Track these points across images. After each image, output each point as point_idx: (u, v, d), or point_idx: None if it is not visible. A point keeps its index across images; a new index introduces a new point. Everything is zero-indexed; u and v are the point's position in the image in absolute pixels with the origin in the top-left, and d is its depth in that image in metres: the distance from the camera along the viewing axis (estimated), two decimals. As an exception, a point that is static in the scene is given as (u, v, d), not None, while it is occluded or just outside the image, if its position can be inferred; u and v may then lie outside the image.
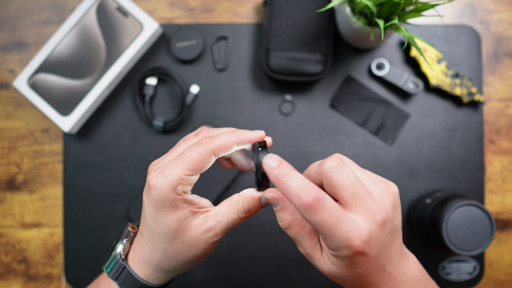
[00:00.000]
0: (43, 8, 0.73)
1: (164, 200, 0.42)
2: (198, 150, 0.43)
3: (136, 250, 0.46)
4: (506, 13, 0.73)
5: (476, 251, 0.58)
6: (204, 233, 0.44)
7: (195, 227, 0.44)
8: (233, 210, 0.44)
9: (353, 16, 0.62)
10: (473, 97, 0.70)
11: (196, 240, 0.44)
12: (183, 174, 0.42)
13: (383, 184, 0.42)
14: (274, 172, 0.38)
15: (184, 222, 0.43)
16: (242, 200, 0.45)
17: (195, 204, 0.44)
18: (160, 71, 0.70)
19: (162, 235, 0.44)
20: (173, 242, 0.44)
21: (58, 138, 0.73)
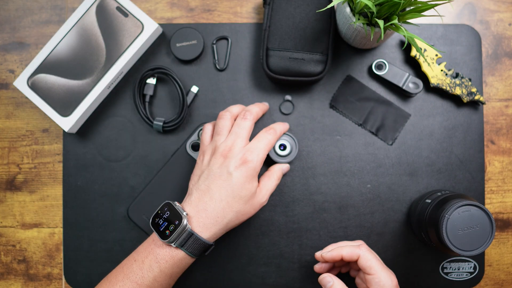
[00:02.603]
0: (43, 8, 0.73)
1: (255, 171, 0.60)
2: (271, 138, 0.62)
3: (203, 217, 0.58)
4: (506, 13, 0.73)
5: (476, 251, 0.58)
6: (261, 199, 0.61)
7: (258, 194, 0.61)
8: (275, 178, 0.65)
9: (353, 16, 0.62)
10: (473, 97, 0.70)
11: (257, 204, 0.61)
12: (265, 153, 0.61)
13: None
14: None
15: (256, 189, 0.61)
16: (275, 173, 0.65)
17: (257, 179, 0.62)
18: (160, 70, 0.70)
19: (242, 197, 0.59)
20: (247, 203, 0.60)
21: (58, 138, 0.73)
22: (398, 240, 0.71)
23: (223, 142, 0.61)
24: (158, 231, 0.58)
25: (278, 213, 0.71)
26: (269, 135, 0.63)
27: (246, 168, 0.59)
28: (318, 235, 0.71)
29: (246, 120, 0.62)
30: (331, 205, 0.71)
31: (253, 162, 0.59)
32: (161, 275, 0.58)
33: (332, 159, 0.71)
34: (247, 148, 0.60)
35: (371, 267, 0.59)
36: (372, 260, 0.59)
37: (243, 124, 0.62)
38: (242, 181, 0.59)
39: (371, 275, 0.59)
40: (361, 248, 0.60)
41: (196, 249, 0.58)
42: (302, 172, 0.71)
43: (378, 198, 0.71)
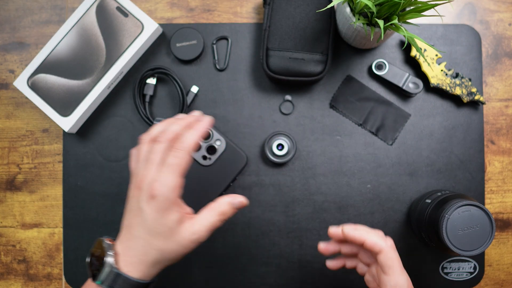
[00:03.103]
0: (43, 8, 0.73)
1: (167, 203, 0.51)
2: (179, 155, 0.52)
3: (128, 254, 0.52)
4: (506, 13, 0.73)
5: (476, 251, 0.58)
6: (191, 235, 0.52)
7: (184, 229, 0.52)
8: (213, 215, 0.54)
9: (353, 16, 0.61)
10: (473, 97, 0.70)
11: (185, 240, 0.52)
12: (177, 179, 0.52)
13: None
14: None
15: (178, 223, 0.52)
16: (219, 206, 0.54)
17: (184, 208, 0.53)
18: (160, 70, 0.70)
19: (161, 234, 0.51)
20: (169, 240, 0.52)
21: (58, 138, 0.73)
22: (398, 240, 0.71)
23: (138, 172, 0.54)
24: (91, 271, 0.54)
25: (278, 213, 0.71)
26: (175, 155, 0.52)
27: (156, 202, 0.51)
28: (318, 235, 0.71)
29: (160, 143, 0.53)
30: (331, 205, 0.71)
31: (162, 194, 0.51)
32: None
33: (332, 159, 0.71)
34: (155, 178, 0.52)
35: (391, 267, 0.54)
36: (395, 260, 0.54)
37: (156, 149, 0.53)
38: (154, 216, 0.51)
39: (388, 275, 0.54)
40: (387, 242, 0.54)
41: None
42: (302, 172, 0.71)
43: (378, 198, 0.71)
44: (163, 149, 0.53)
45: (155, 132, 0.55)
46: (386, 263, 0.53)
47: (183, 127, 0.55)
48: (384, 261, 0.54)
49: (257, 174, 0.71)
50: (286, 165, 0.71)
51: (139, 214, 0.52)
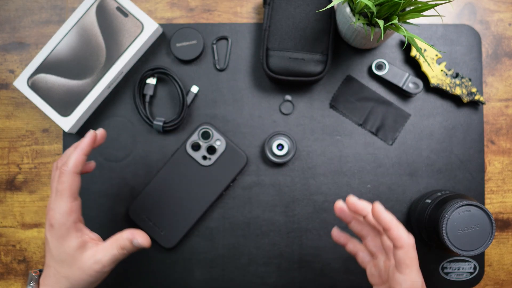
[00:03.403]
0: (43, 8, 0.73)
1: (64, 230, 0.53)
2: (64, 179, 0.53)
3: (46, 284, 0.54)
4: (506, 13, 0.73)
5: (476, 251, 0.58)
6: (94, 264, 0.53)
7: (86, 257, 0.53)
8: (114, 247, 0.54)
9: (353, 16, 0.62)
10: (473, 97, 0.70)
11: (88, 269, 0.53)
12: (69, 203, 0.53)
13: None
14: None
15: (79, 250, 0.53)
16: (120, 240, 0.55)
17: (86, 233, 0.55)
18: (160, 70, 0.70)
19: (64, 261, 0.53)
20: (72, 267, 0.53)
21: (58, 138, 0.73)
22: (398, 240, 0.71)
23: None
24: None
25: (278, 213, 0.71)
26: (61, 182, 0.53)
27: (54, 230, 0.53)
28: (318, 235, 0.71)
29: (54, 170, 0.56)
30: (331, 205, 0.71)
31: (57, 222, 0.53)
32: None
33: (332, 159, 0.71)
34: (51, 207, 0.54)
35: (409, 267, 0.49)
36: (414, 260, 0.49)
37: (52, 177, 0.56)
38: (55, 244, 0.53)
39: (405, 275, 0.49)
40: (410, 239, 0.49)
41: None
42: (302, 172, 0.71)
43: (378, 198, 0.71)
44: (56, 176, 0.54)
45: (59, 161, 0.56)
46: (404, 261, 0.48)
47: (72, 150, 0.56)
48: (403, 258, 0.48)
49: (257, 174, 0.71)
50: (286, 165, 0.71)
51: (47, 244, 0.54)
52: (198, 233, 0.71)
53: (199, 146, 0.70)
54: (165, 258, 0.71)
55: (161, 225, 0.70)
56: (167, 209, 0.70)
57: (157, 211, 0.70)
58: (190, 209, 0.70)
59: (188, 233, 0.70)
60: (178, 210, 0.70)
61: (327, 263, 0.71)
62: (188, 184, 0.70)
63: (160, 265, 0.71)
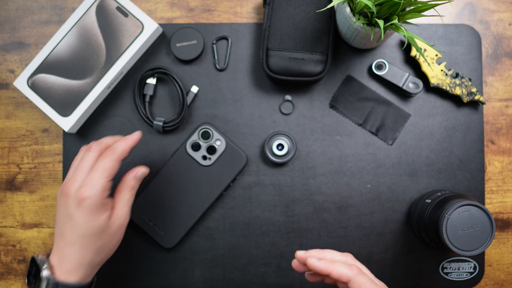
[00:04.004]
0: (43, 8, 0.73)
1: (96, 206, 0.55)
2: (108, 161, 0.56)
3: (65, 262, 0.55)
4: (506, 13, 0.73)
5: (476, 251, 0.58)
6: (119, 221, 0.57)
7: (112, 222, 0.56)
8: (126, 194, 0.59)
9: (353, 16, 0.62)
10: (473, 97, 0.70)
11: (115, 230, 0.57)
12: (105, 182, 0.56)
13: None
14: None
15: (107, 220, 0.56)
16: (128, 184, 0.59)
17: (109, 205, 0.57)
18: (160, 70, 0.70)
19: (94, 235, 0.55)
20: (102, 238, 0.56)
21: (58, 138, 0.73)
22: (398, 240, 0.71)
23: (67, 179, 0.57)
24: None
25: (278, 213, 0.71)
26: (104, 159, 0.57)
27: (86, 206, 0.54)
28: (318, 235, 0.71)
29: (90, 151, 0.58)
30: (331, 205, 0.71)
31: (90, 197, 0.54)
32: None
33: (332, 159, 0.71)
34: (83, 183, 0.55)
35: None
36: (365, 284, 0.51)
37: (86, 157, 0.57)
38: (86, 219, 0.55)
39: None
40: (353, 270, 0.52)
41: None
42: (302, 172, 0.71)
43: (378, 198, 0.71)
44: (93, 157, 0.57)
45: (91, 143, 0.59)
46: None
47: (115, 141, 0.60)
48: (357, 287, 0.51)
49: (257, 174, 0.71)
50: (286, 165, 0.71)
51: (70, 220, 0.55)
52: (198, 233, 0.71)
53: (199, 146, 0.70)
54: (165, 258, 0.71)
55: (161, 225, 0.70)
56: (167, 209, 0.70)
57: (157, 211, 0.70)
58: (190, 209, 0.70)
59: (188, 233, 0.70)
60: (178, 210, 0.70)
61: (327, 263, 0.71)
62: (188, 184, 0.70)
63: (160, 265, 0.71)
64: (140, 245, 0.71)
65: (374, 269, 0.70)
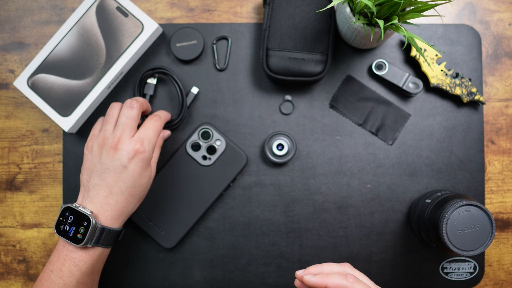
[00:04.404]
0: (43, 8, 0.73)
1: (148, 160, 0.60)
2: (160, 123, 0.63)
3: (109, 210, 0.59)
4: (506, 13, 0.73)
5: (476, 251, 0.58)
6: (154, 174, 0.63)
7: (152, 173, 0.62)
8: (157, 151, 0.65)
9: (353, 16, 0.62)
10: (473, 97, 0.70)
11: (151, 182, 0.62)
12: (156, 140, 0.61)
13: None
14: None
15: (151, 172, 0.61)
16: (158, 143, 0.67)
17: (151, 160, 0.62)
18: (160, 70, 0.70)
19: (143, 185, 0.60)
20: (146, 188, 0.61)
21: (58, 138, 0.73)
22: (398, 240, 0.71)
23: (111, 134, 0.60)
24: (69, 238, 0.58)
25: (278, 213, 0.71)
26: (156, 122, 0.62)
27: (140, 159, 0.59)
28: (318, 235, 0.71)
29: (133, 109, 0.61)
30: (331, 205, 0.71)
31: (145, 152, 0.59)
32: (83, 276, 0.58)
33: (332, 159, 0.71)
34: (137, 138, 0.60)
35: None
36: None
37: (129, 114, 0.61)
38: (138, 171, 0.59)
39: None
40: (349, 279, 0.52)
41: (110, 240, 0.60)
42: (302, 172, 0.71)
43: (378, 198, 0.71)
44: (135, 115, 0.61)
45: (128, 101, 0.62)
46: None
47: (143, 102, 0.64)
48: None
49: (257, 174, 0.71)
50: (286, 165, 0.71)
51: (121, 171, 0.58)
52: (198, 233, 0.71)
53: (199, 146, 0.70)
54: (165, 258, 0.71)
55: (161, 225, 0.70)
56: (167, 209, 0.70)
57: (157, 211, 0.70)
58: (190, 209, 0.70)
59: (188, 233, 0.70)
60: (178, 210, 0.70)
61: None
62: (188, 184, 0.70)
63: (160, 265, 0.71)
64: (140, 245, 0.71)
65: (374, 269, 0.70)
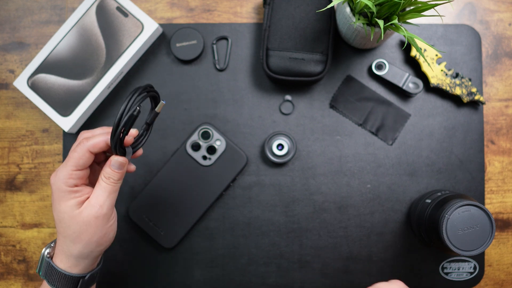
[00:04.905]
0: (43, 8, 0.73)
1: (59, 192, 0.54)
2: (77, 150, 0.54)
3: (58, 249, 0.56)
4: (506, 13, 0.73)
5: (476, 251, 0.58)
6: (91, 210, 0.53)
7: (83, 209, 0.54)
8: (100, 182, 0.54)
9: (353, 16, 0.62)
10: (473, 97, 0.70)
11: (87, 218, 0.53)
12: (70, 170, 0.54)
13: None
14: None
15: (76, 207, 0.54)
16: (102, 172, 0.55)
17: (82, 193, 0.54)
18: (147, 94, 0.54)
19: (62, 221, 0.54)
20: (71, 225, 0.54)
21: (58, 138, 0.73)
22: (398, 240, 0.71)
23: None
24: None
25: (278, 213, 0.71)
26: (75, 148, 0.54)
27: (53, 192, 0.55)
28: (318, 235, 0.71)
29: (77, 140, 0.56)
30: (331, 205, 0.71)
31: (54, 184, 0.54)
32: None
33: (332, 159, 0.71)
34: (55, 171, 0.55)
35: None
36: None
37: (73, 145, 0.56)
38: (54, 205, 0.55)
39: None
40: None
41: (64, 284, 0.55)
42: (302, 172, 0.71)
43: (378, 198, 0.71)
44: (73, 146, 0.55)
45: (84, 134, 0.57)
46: None
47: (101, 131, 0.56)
48: None
49: (257, 174, 0.71)
50: (286, 165, 0.71)
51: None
52: (198, 233, 0.71)
53: (199, 146, 0.70)
54: (165, 258, 0.71)
55: (161, 225, 0.70)
56: (167, 209, 0.70)
57: (157, 211, 0.70)
58: (190, 209, 0.70)
59: (188, 233, 0.70)
60: (178, 210, 0.70)
61: (327, 263, 0.71)
62: (188, 184, 0.70)
63: (160, 265, 0.71)
64: (140, 245, 0.71)
65: (374, 269, 0.70)
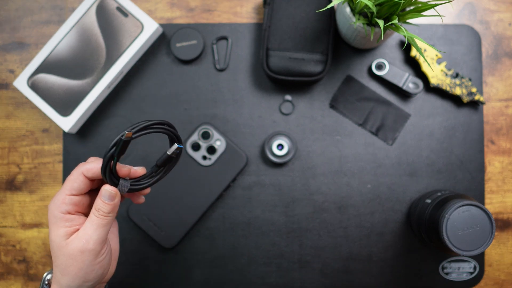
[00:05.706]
0: (43, 8, 0.73)
1: (52, 218, 0.51)
2: (72, 173, 0.52)
3: (53, 277, 0.53)
4: (506, 13, 0.73)
5: (476, 251, 0.58)
6: (78, 243, 0.50)
7: (71, 241, 0.51)
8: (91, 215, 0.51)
9: (353, 16, 0.62)
10: (473, 97, 0.70)
11: (73, 251, 0.50)
12: (64, 194, 0.51)
13: None
14: None
15: (64, 237, 0.51)
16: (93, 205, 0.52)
17: (74, 223, 0.52)
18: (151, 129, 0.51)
19: (52, 250, 0.51)
20: (59, 256, 0.51)
21: (58, 138, 0.73)
22: (398, 240, 0.71)
23: None
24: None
25: (278, 213, 0.71)
26: (69, 176, 0.53)
27: (48, 217, 0.52)
28: (318, 235, 0.71)
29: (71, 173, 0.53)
30: (331, 205, 0.71)
31: (48, 209, 0.52)
32: None
33: (332, 159, 0.71)
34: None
35: None
36: None
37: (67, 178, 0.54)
38: (49, 231, 0.52)
39: None
40: None
41: None
42: (302, 172, 0.71)
43: (378, 198, 0.71)
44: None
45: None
46: None
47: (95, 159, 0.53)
48: None
49: (257, 174, 0.71)
50: (286, 165, 0.71)
51: None
52: (198, 233, 0.71)
53: (199, 146, 0.70)
54: (165, 258, 0.71)
55: (161, 225, 0.70)
56: (167, 209, 0.70)
57: (157, 211, 0.70)
58: (190, 209, 0.70)
59: (188, 233, 0.70)
60: (178, 210, 0.70)
61: (327, 263, 0.71)
62: (188, 184, 0.70)
63: (160, 265, 0.71)
64: (140, 245, 0.71)
65: (374, 269, 0.70)
